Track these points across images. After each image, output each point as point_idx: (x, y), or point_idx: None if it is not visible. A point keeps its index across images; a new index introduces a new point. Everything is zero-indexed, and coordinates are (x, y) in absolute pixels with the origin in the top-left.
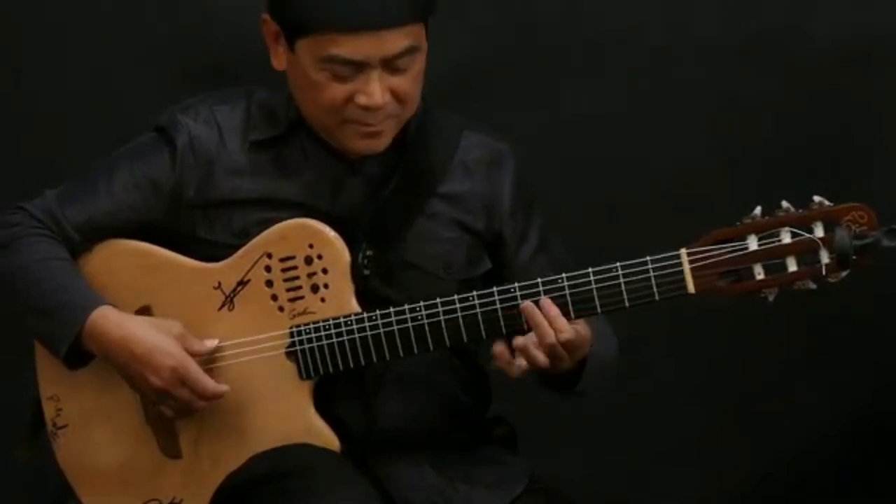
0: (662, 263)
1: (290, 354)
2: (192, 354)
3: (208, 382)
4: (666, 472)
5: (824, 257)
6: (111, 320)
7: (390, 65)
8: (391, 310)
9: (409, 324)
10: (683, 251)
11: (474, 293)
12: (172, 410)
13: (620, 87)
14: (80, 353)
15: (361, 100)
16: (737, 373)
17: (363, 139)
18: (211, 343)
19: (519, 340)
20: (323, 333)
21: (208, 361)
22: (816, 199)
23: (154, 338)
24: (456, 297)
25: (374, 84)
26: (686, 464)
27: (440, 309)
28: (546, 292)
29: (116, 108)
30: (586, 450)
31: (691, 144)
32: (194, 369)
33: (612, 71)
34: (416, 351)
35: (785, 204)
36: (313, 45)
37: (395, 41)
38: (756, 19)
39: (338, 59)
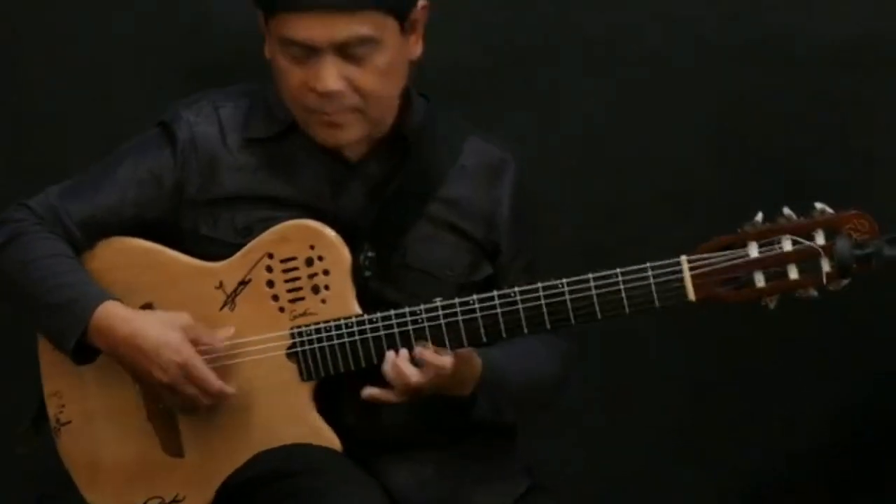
0: (663, 270)
1: (291, 355)
2: (201, 345)
3: (214, 380)
4: (666, 471)
5: (825, 266)
6: (118, 315)
7: (343, 52)
8: (392, 312)
9: (410, 326)
10: (684, 258)
11: (475, 297)
12: (177, 405)
13: (620, 88)
14: (86, 349)
15: (313, 85)
16: (737, 372)
17: (325, 129)
18: (221, 336)
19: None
20: (324, 335)
21: (210, 361)
22: (818, 205)
23: (161, 334)
24: (457, 300)
25: (324, 69)
26: (686, 464)
27: (440, 312)
28: (546, 297)
29: (116, 108)
30: (586, 449)
31: (691, 145)
32: (201, 367)
33: (612, 71)
34: None
35: (787, 210)
36: (275, 26)
37: (345, 27)
38: (756, 19)
39: (289, 40)
